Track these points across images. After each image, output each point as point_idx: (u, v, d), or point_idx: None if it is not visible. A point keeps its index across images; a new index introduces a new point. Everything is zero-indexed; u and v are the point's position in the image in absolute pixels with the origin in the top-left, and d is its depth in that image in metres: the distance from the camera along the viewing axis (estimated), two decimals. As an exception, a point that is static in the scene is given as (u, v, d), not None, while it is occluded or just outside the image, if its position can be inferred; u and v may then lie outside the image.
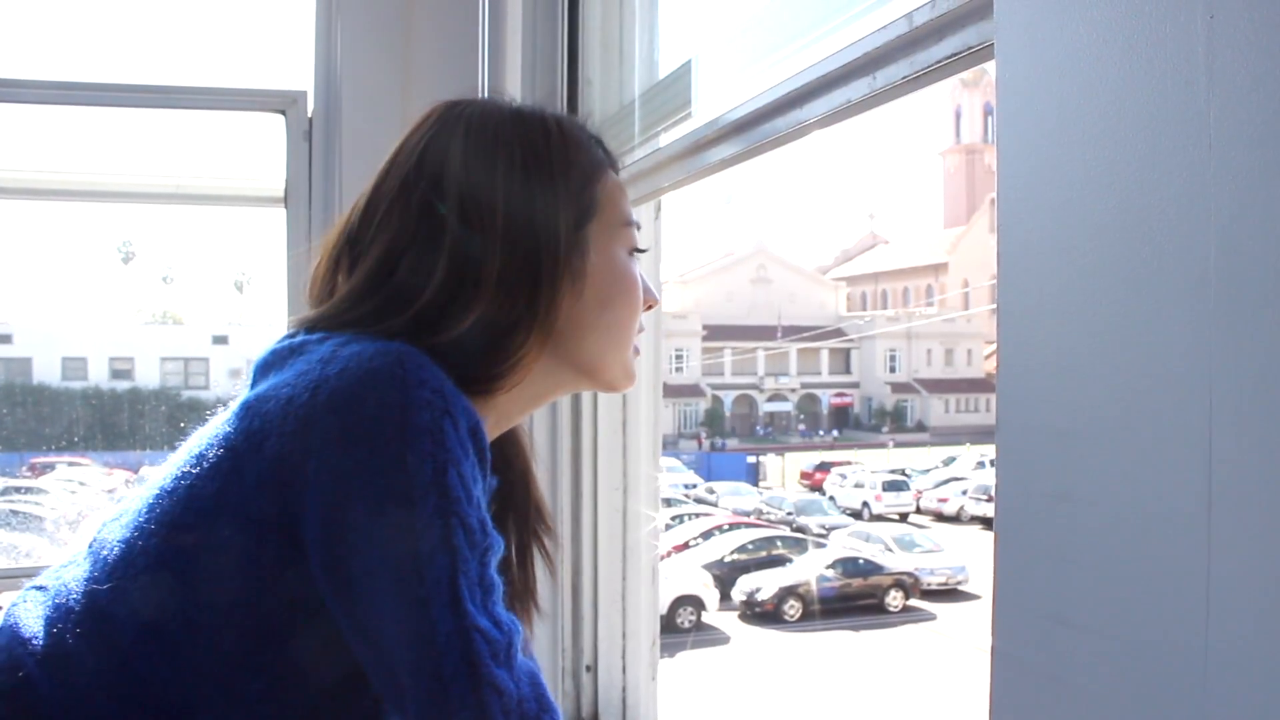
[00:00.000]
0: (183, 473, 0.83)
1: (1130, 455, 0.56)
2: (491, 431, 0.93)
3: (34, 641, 0.81)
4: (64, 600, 0.83)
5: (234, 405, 0.86)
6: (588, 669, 1.75)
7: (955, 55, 0.80)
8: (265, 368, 0.87)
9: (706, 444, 45.42)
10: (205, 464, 0.82)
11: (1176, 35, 0.53)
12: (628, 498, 1.76)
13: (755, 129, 1.16)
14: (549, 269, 0.89)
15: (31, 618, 0.83)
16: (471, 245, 0.87)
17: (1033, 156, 0.63)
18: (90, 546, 0.88)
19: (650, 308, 1.01)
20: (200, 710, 0.79)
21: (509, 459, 1.01)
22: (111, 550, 0.84)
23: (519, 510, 1.01)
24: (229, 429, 0.82)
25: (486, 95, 0.98)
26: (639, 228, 1.00)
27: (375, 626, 0.75)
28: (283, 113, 1.92)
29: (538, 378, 0.93)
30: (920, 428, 50.89)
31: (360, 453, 0.75)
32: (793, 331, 50.69)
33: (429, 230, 0.88)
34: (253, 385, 0.87)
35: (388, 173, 0.93)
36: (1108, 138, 0.57)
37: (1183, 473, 0.52)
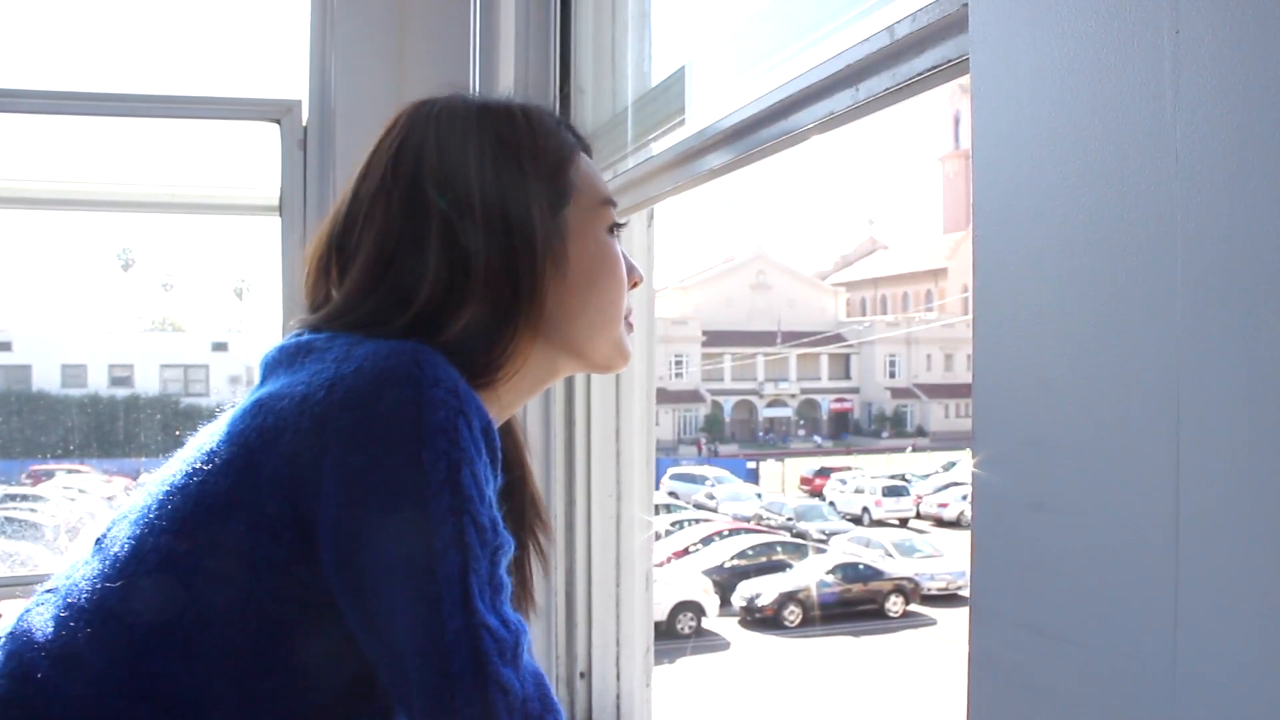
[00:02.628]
0: (193, 469, 0.83)
1: (1101, 465, 0.56)
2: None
3: (46, 642, 0.81)
4: (75, 600, 0.83)
5: (243, 402, 0.87)
6: (581, 676, 1.75)
7: (936, 68, 0.81)
8: (274, 365, 0.88)
9: (706, 449, 45.42)
10: (217, 460, 0.82)
11: (1144, 50, 0.54)
12: (621, 504, 1.76)
13: (744, 138, 1.17)
14: (529, 255, 0.91)
15: (43, 619, 0.83)
16: (457, 238, 0.89)
17: (1006, 168, 0.64)
18: (98, 545, 0.88)
19: (635, 285, 1.03)
20: (211, 708, 0.79)
21: (506, 455, 1.02)
22: (121, 548, 0.84)
23: (515, 506, 1.02)
24: (242, 426, 0.83)
25: (451, 93, 0.98)
26: (615, 205, 1.01)
27: (385, 622, 0.75)
28: (277, 121, 1.92)
29: (533, 364, 0.94)
30: (920, 433, 50.86)
31: (375, 450, 0.76)
32: (792, 337, 50.69)
33: (414, 227, 0.90)
34: (261, 383, 0.88)
35: (365, 175, 0.95)
36: (1078, 150, 0.58)
37: (1151, 483, 0.53)
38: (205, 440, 0.86)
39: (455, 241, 0.89)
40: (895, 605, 18.64)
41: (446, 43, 1.85)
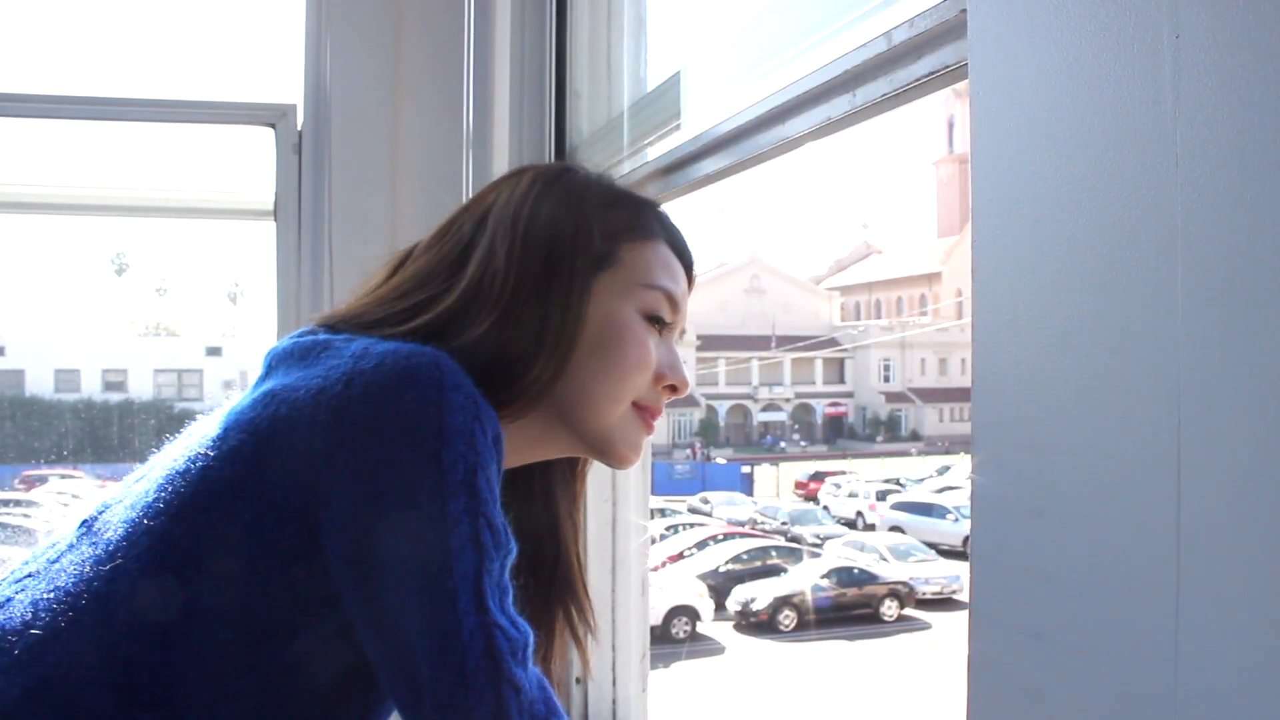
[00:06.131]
0: (197, 455, 0.82)
1: (1101, 470, 0.56)
2: None
3: (25, 626, 0.79)
4: (61, 584, 0.81)
5: (250, 392, 0.86)
6: (577, 681, 1.75)
7: (933, 73, 0.81)
8: (286, 358, 0.87)
9: (701, 454, 45.42)
10: (224, 447, 0.81)
11: (1144, 54, 0.54)
12: (617, 509, 1.76)
13: (740, 144, 1.17)
14: (559, 300, 0.90)
15: (23, 604, 0.81)
16: (492, 262, 0.91)
17: (1006, 173, 0.64)
18: (86, 528, 0.86)
19: (670, 389, 0.98)
20: (185, 702, 0.78)
21: (534, 510, 1.03)
22: (114, 532, 0.82)
23: (551, 584, 1.03)
24: (251, 414, 0.82)
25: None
26: (670, 299, 0.96)
27: (395, 619, 0.75)
28: (272, 126, 1.92)
29: (533, 421, 0.93)
30: (915, 437, 50.93)
31: (395, 446, 0.76)
32: (787, 341, 50.77)
33: (463, 250, 0.93)
34: (270, 375, 0.87)
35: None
36: (1078, 154, 0.58)
37: (1152, 487, 0.53)
38: (208, 428, 0.85)
39: (490, 263, 0.91)
40: (890, 609, 18.64)
41: (442, 47, 1.85)
